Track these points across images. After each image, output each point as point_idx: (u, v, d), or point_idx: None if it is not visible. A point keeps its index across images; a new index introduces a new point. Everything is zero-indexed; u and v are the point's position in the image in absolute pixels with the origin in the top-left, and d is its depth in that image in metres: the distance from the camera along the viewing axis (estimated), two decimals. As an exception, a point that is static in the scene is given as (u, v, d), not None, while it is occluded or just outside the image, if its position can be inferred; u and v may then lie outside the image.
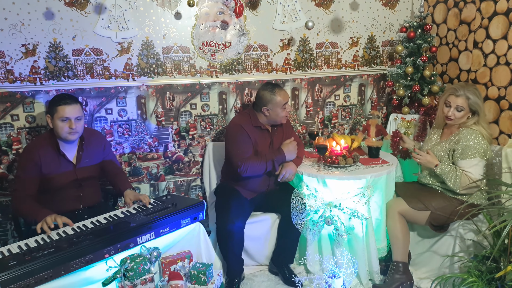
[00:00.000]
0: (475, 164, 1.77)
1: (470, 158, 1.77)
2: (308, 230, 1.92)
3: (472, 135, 1.80)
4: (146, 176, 2.34)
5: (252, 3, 2.32)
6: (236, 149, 1.92)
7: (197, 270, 1.49)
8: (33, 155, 1.65)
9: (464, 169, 1.79)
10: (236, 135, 1.95)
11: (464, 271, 1.67)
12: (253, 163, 1.89)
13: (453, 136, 1.88)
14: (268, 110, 1.94)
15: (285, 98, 1.94)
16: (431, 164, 1.83)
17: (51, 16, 2.00)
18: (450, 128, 1.94)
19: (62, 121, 1.64)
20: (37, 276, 1.19)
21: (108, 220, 1.55)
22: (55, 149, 1.69)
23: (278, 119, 1.96)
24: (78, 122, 1.67)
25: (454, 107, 1.84)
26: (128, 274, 1.37)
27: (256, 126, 1.98)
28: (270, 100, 1.92)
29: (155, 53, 2.21)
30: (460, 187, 1.78)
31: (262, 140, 2.00)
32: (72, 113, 1.64)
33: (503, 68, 2.12)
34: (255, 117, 1.99)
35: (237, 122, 1.98)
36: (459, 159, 1.81)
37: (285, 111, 1.96)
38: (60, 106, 1.64)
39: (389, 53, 2.71)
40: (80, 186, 1.76)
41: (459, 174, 1.78)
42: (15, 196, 1.65)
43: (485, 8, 2.19)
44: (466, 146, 1.78)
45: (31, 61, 2.02)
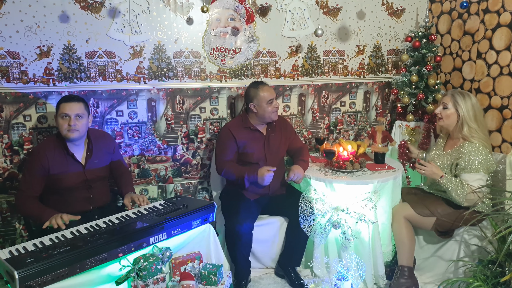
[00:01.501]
0: (478, 178, 1.79)
1: (474, 172, 1.79)
2: (315, 234, 1.94)
3: (475, 150, 1.81)
4: (154, 178, 2.36)
5: (262, 10, 2.37)
6: (217, 150, 2.06)
7: (208, 271, 1.51)
8: (40, 156, 1.67)
9: (468, 183, 1.81)
10: (221, 137, 2.06)
11: (469, 275, 1.70)
12: (228, 169, 1.98)
13: (456, 149, 1.90)
14: (255, 106, 2.01)
15: (269, 93, 1.99)
16: (436, 176, 1.82)
17: (66, 19, 2.04)
18: (453, 139, 1.97)
19: (62, 118, 1.66)
20: (54, 273, 1.21)
21: (120, 220, 1.57)
22: (63, 150, 1.71)
23: (266, 115, 2.00)
24: (78, 120, 1.67)
25: (441, 105, 1.93)
26: (141, 274, 1.39)
27: (246, 127, 2.04)
28: (255, 95, 2.00)
29: (166, 57, 2.25)
30: (464, 200, 1.78)
31: (253, 141, 2.04)
32: (72, 110, 1.66)
33: (506, 78, 2.18)
34: (246, 118, 2.06)
35: (226, 125, 2.08)
36: (463, 173, 1.82)
37: (271, 107, 1.99)
38: (61, 103, 1.68)
39: (394, 61, 2.76)
40: (90, 188, 1.78)
41: (465, 187, 1.78)
42: (18, 196, 1.67)
43: (488, 20, 2.25)
44: (470, 161, 1.80)
45: (45, 63, 2.06)
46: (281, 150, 2.13)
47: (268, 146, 2.07)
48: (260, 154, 2.04)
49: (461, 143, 1.90)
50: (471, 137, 1.86)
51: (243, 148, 2.02)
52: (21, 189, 1.67)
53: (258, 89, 2.00)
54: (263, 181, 1.87)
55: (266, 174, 1.86)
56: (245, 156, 2.03)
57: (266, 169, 1.88)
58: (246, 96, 2.05)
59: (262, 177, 1.87)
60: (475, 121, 1.86)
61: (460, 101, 1.88)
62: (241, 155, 2.05)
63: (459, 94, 1.90)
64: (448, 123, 1.93)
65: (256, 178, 1.89)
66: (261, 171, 1.89)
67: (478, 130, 1.86)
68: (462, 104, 1.87)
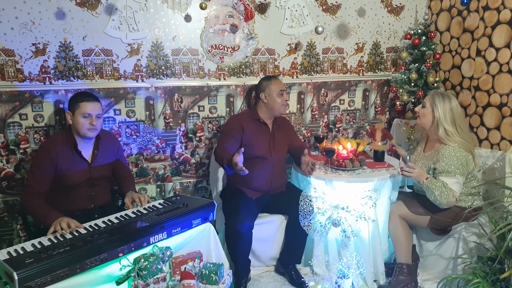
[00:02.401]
0: (456, 181, 1.79)
1: (451, 176, 1.79)
2: (315, 232, 1.94)
3: (451, 154, 1.80)
4: (153, 177, 2.35)
5: (261, 7, 2.35)
6: (222, 135, 2.05)
7: (208, 270, 1.50)
8: (50, 151, 1.66)
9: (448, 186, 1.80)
10: (226, 124, 2.07)
11: (468, 272, 1.71)
12: (220, 153, 1.91)
13: (434, 151, 1.90)
14: (265, 96, 2.03)
15: (281, 85, 2.05)
16: (422, 177, 1.79)
17: (62, 16, 2.01)
18: (431, 141, 1.97)
19: (84, 117, 1.66)
20: (53, 273, 1.19)
21: (120, 220, 1.56)
22: (71, 147, 1.70)
23: (276, 106, 2.02)
24: (98, 119, 1.70)
25: (421, 104, 1.95)
26: (141, 273, 1.38)
27: (255, 118, 2.06)
28: (267, 85, 2.04)
29: (164, 55, 2.23)
30: (446, 202, 1.77)
31: (260, 134, 2.04)
32: (94, 110, 1.67)
33: (505, 76, 2.18)
34: (255, 110, 2.08)
35: (234, 115, 2.12)
36: (441, 176, 1.82)
37: (282, 99, 2.02)
38: (82, 102, 1.67)
39: (393, 59, 2.76)
40: (93, 186, 1.77)
41: (448, 190, 1.77)
42: (26, 192, 1.64)
43: (488, 17, 2.25)
44: (447, 165, 1.79)
45: (41, 61, 2.02)
46: (284, 148, 2.14)
47: (273, 142, 2.08)
48: (266, 148, 2.05)
49: (438, 146, 1.89)
50: (447, 139, 1.84)
51: (250, 140, 2.02)
52: (29, 185, 1.64)
53: (270, 80, 2.05)
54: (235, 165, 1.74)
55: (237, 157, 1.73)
56: (251, 149, 2.01)
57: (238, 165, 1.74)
58: (258, 87, 2.09)
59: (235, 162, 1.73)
60: (452, 125, 1.84)
61: (438, 102, 1.86)
62: (246, 147, 2.01)
63: (438, 95, 1.89)
64: (424, 122, 1.93)
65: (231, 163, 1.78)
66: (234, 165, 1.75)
67: (455, 134, 1.83)
68: (439, 105, 1.86)
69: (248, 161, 1.96)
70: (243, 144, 2.03)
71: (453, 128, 1.84)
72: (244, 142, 2.02)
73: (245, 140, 2.02)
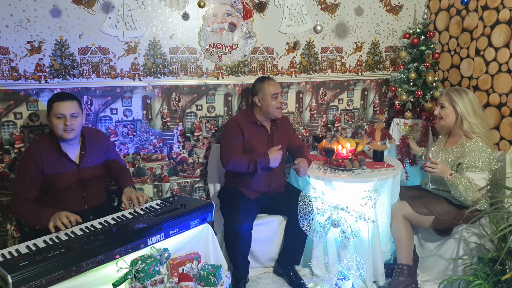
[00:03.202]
0: (483, 177, 1.78)
1: (479, 171, 1.77)
2: (314, 233, 1.93)
3: (479, 149, 1.79)
4: (150, 177, 2.32)
5: (259, 6, 2.33)
6: (225, 142, 2.01)
7: (206, 272, 1.48)
8: (34, 156, 1.62)
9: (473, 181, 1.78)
10: (228, 129, 2.04)
11: (469, 274, 1.70)
12: (236, 158, 1.91)
13: (458, 146, 1.89)
14: (259, 100, 2.00)
15: (274, 88, 1.99)
16: (446, 173, 1.78)
17: (57, 13, 1.98)
18: (454, 136, 1.96)
19: (57, 118, 1.61)
20: (49, 276, 1.17)
21: (116, 221, 1.53)
22: (56, 149, 1.67)
23: (270, 109, 1.99)
24: (74, 119, 1.63)
25: (439, 105, 1.93)
26: (138, 275, 1.35)
27: (252, 121, 2.03)
28: (260, 88, 2.00)
29: (162, 54, 2.20)
30: (472, 198, 1.75)
31: (258, 137, 2.02)
32: (67, 109, 1.61)
33: (504, 76, 2.18)
34: (252, 113, 2.06)
35: (234, 119, 2.07)
36: (467, 171, 1.79)
37: (276, 102, 1.98)
38: (54, 103, 1.61)
39: (392, 58, 2.75)
40: (85, 187, 1.74)
41: (474, 186, 1.75)
42: (16, 199, 1.62)
43: (487, 17, 2.25)
44: (475, 160, 1.78)
45: (36, 59, 1.99)
46: (283, 148, 2.11)
47: (271, 144, 2.05)
48: (264, 150, 2.01)
49: (463, 141, 1.88)
50: (472, 132, 1.84)
51: (249, 143, 2.00)
52: (17, 193, 1.62)
53: (263, 83, 2.01)
54: (275, 161, 1.88)
55: (277, 153, 1.87)
56: (249, 152, 2.00)
57: (275, 149, 1.89)
58: (252, 89, 2.06)
59: (274, 157, 1.87)
60: (474, 117, 1.85)
61: (456, 98, 1.87)
62: (245, 150, 2.02)
63: (454, 91, 1.90)
64: (449, 121, 1.92)
65: (268, 161, 1.87)
66: (273, 154, 1.88)
67: (479, 125, 1.84)
68: (458, 101, 1.87)
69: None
70: (244, 146, 2.01)
71: (475, 120, 1.83)
72: (245, 143, 2.01)
73: (244, 143, 2.01)
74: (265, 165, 1.89)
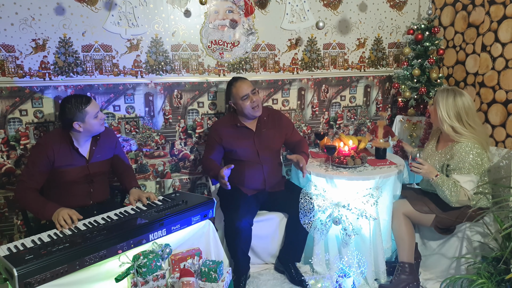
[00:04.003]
0: (470, 179, 1.75)
1: (465, 174, 1.75)
2: (315, 230, 1.93)
3: (466, 151, 1.75)
4: (152, 173, 2.34)
5: (261, 2, 2.32)
6: (205, 146, 2.11)
7: (208, 268, 1.50)
8: (46, 148, 1.65)
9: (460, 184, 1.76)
10: (208, 135, 2.09)
11: (472, 272, 1.68)
12: (204, 164, 2.06)
13: (447, 149, 1.86)
14: (234, 104, 2.01)
15: (242, 89, 1.92)
16: (432, 174, 1.75)
17: (61, 11, 2.00)
18: (444, 139, 1.92)
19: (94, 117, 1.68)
20: (53, 270, 1.20)
21: (119, 217, 1.55)
22: (68, 143, 1.70)
23: (245, 111, 1.97)
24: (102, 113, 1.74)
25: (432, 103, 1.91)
26: (140, 270, 1.37)
27: (233, 124, 2.03)
28: (230, 92, 2.01)
29: (164, 51, 2.21)
30: (456, 200, 1.74)
31: (240, 139, 2.01)
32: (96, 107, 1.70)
33: (511, 72, 2.14)
34: (235, 115, 2.06)
35: (214, 123, 2.11)
36: (454, 173, 1.78)
37: (249, 102, 1.93)
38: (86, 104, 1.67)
39: (395, 55, 2.72)
40: (92, 182, 1.77)
41: (459, 188, 1.74)
42: (20, 186, 1.64)
43: (494, 12, 2.21)
44: (461, 162, 1.75)
45: (40, 56, 2.01)
46: (275, 145, 2.09)
47: (259, 142, 2.03)
48: (250, 150, 2.01)
49: (452, 143, 1.84)
50: (456, 136, 1.79)
51: (231, 146, 2.00)
52: (22, 180, 1.65)
53: (232, 86, 2.00)
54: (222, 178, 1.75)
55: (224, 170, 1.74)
56: (234, 154, 2.01)
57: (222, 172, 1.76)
58: (225, 94, 2.07)
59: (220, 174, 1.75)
60: (457, 121, 1.77)
61: (440, 98, 1.80)
62: (229, 153, 2.03)
63: (442, 91, 1.82)
64: (433, 119, 1.90)
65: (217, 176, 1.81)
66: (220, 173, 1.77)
67: (463, 130, 1.77)
68: (440, 102, 1.80)
69: (238, 163, 1.96)
70: (226, 150, 2.02)
71: (459, 124, 1.77)
72: (226, 148, 2.02)
73: (226, 147, 2.01)
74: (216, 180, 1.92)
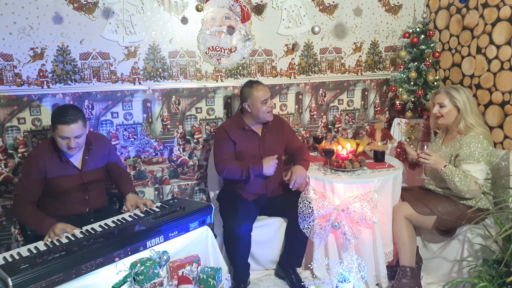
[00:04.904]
0: (480, 169, 1.76)
1: (475, 163, 1.76)
2: (315, 234, 1.91)
3: (476, 141, 1.79)
4: (150, 179, 2.33)
5: (257, 8, 2.34)
6: (216, 150, 2.02)
7: (206, 274, 1.48)
8: (37, 160, 1.65)
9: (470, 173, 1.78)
10: (217, 137, 2.05)
11: (473, 275, 1.66)
12: (230, 166, 1.93)
13: (455, 141, 1.88)
14: (249, 106, 1.99)
15: (264, 92, 1.97)
16: (440, 165, 1.77)
17: (59, 20, 2.01)
18: (452, 133, 1.95)
19: (61, 138, 1.61)
20: (48, 279, 1.18)
21: (116, 224, 1.54)
22: (59, 155, 1.69)
23: (260, 115, 1.98)
24: (77, 139, 1.63)
25: (437, 104, 1.91)
26: (138, 278, 1.36)
27: (240, 127, 2.02)
28: (249, 95, 1.98)
29: (161, 57, 2.23)
30: (467, 190, 1.74)
31: (247, 142, 2.01)
32: (70, 133, 1.59)
33: (507, 73, 2.15)
34: (241, 118, 2.05)
35: (222, 126, 2.08)
36: (464, 163, 1.79)
37: (266, 106, 1.96)
38: (59, 124, 1.59)
39: (391, 58, 2.74)
40: (86, 190, 1.76)
41: (469, 177, 1.75)
42: (16, 201, 1.65)
43: (488, 15, 2.23)
44: (471, 151, 1.78)
45: (38, 65, 2.03)
46: (278, 150, 2.09)
47: (263, 146, 2.04)
48: (255, 154, 2.02)
49: (460, 136, 1.88)
50: (467, 132, 1.84)
51: (238, 148, 2.01)
52: (18, 194, 1.65)
53: (252, 88, 1.99)
54: (269, 170, 1.89)
55: (272, 162, 1.88)
56: (238, 157, 2.01)
57: (271, 158, 1.91)
58: (241, 94, 2.05)
59: (268, 165, 1.88)
60: (471, 115, 1.85)
61: (456, 95, 1.87)
62: (236, 154, 2.02)
63: (452, 89, 1.88)
64: (449, 119, 1.91)
65: (261, 169, 1.89)
66: (267, 162, 1.90)
67: (475, 124, 1.84)
68: (459, 98, 1.86)
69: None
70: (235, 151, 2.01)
71: (473, 118, 1.84)
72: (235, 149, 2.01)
73: (235, 148, 2.01)
74: (259, 172, 1.90)
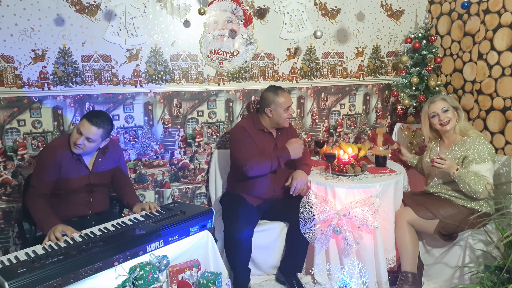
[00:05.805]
0: (489, 168, 1.81)
1: (484, 162, 1.80)
2: (316, 239, 1.90)
3: (479, 141, 1.84)
4: (151, 183, 2.32)
5: (260, 12, 2.35)
6: (240, 149, 1.95)
7: (206, 279, 1.47)
8: (56, 153, 1.65)
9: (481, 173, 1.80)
10: (239, 136, 2.00)
11: (475, 282, 1.65)
12: (258, 161, 1.90)
13: (459, 144, 1.89)
14: (271, 111, 1.99)
15: (287, 100, 2.00)
16: (453, 169, 1.78)
17: (61, 22, 2.01)
18: (449, 138, 1.96)
19: (77, 131, 1.64)
20: (46, 283, 1.17)
21: (116, 228, 1.53)
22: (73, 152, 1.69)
23: (280, 121, 1.99)
24: (88, 142, 1.64)
25: (441, 111, 1.93)
26: (137, 283, 1.34)
27: (259, 129, 2.02)
28: (273, 100, 1.98)
29: (163, 60, 2.22)
30: (482, 190, 1.75)
31: (265, 144, 2.02)
32: (87, 132, 1.62)
33: (508, 79, 2.15)
34: (258, 120, 2.04)
35: (240, 125, 2.04)
36: (473, 164, 1.81)
37: (287, 113, 1.99)
38: (85, 118, 1.63)
39: (393, 63, 2.74)
40: (92, 192, 1.76)
41: (481, 177, 1.77)
42: (30, 192, 1.63)
43: (489, 21, 2.23)
44: (478, 151, 1.82)
45: (40, 67, 2.02)
46: None
47: (277, 149, 2.04)
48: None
49: (461, 138, 1.92)
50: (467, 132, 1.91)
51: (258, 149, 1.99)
52: (33, 185, 1.64)
53: (277, 95, 1.98)
54: (296, 152, 1.94)
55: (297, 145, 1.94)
56: None
57: (292, 141, 1.97)
58: (263, 99, 2.03)
59: (293, 148, 1.93)
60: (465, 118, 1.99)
61: (450, 99, 1.97)
62: None
63: (448, 97, 1.99)
64: (454, 122, 1.94)
65: (288, 154, 1.93)
66: (291, 145, 1.95)
67: (468, 126, 1.93)
68: (454, 100, 1.98)
69: None
70: None
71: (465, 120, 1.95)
72: None
73: None
74: (287, 159, 1.93)
